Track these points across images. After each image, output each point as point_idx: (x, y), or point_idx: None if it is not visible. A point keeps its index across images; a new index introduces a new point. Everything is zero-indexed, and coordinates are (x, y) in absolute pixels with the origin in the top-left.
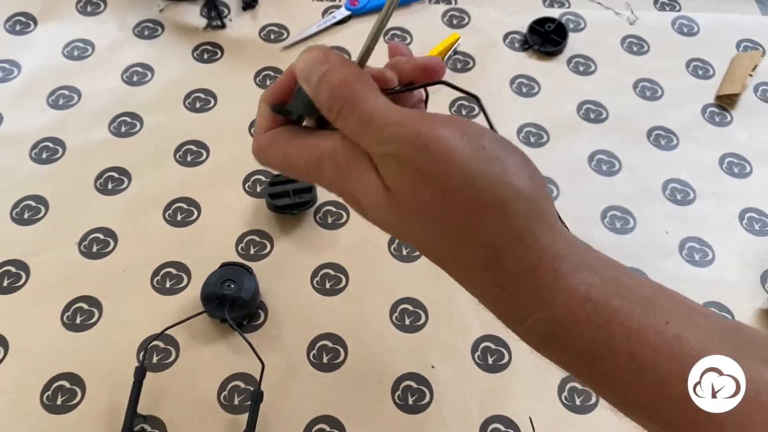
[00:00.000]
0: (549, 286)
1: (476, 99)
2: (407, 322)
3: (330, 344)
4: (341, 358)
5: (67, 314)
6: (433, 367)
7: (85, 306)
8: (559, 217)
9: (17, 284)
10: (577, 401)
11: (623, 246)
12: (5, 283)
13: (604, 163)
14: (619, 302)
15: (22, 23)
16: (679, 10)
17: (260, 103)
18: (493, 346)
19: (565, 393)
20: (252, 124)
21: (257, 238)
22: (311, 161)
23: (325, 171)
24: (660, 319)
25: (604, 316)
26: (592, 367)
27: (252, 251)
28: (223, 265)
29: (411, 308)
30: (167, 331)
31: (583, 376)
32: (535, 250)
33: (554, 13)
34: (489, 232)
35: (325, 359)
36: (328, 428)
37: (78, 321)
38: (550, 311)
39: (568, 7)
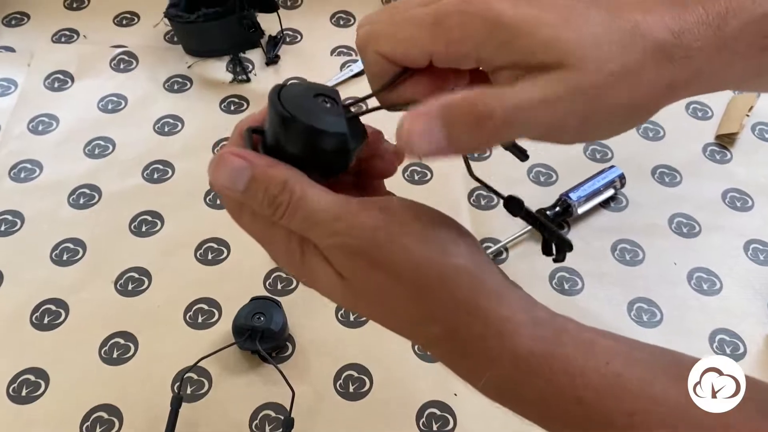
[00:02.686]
0: (496, 348)
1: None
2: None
3: (356, 374)
4: (367, 387)
5: (104, 349)
6: (455, 394)
7: (122, 341)
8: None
9: (57, 321)
10: None
11: (634, 277)
12: (46, 320)
13: (612, 200)
14: (561, 351)
15: (60, 80)
16: None
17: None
18: None
19: None
20: None
21: (284, 275)
22: (271, 251)
23: (281, 262)
24: (601, 360)
25: (548, 367)
26: (544, 415)
27: (279, 286)
28: (253, 299)
29: None
30: (200, 363)
31: (540, 423)
32: (481, 318)
33: None
34: (438, 310)
35: (351, 388)
36: None
37: (115, 355)
38: (500, 370)
39: None
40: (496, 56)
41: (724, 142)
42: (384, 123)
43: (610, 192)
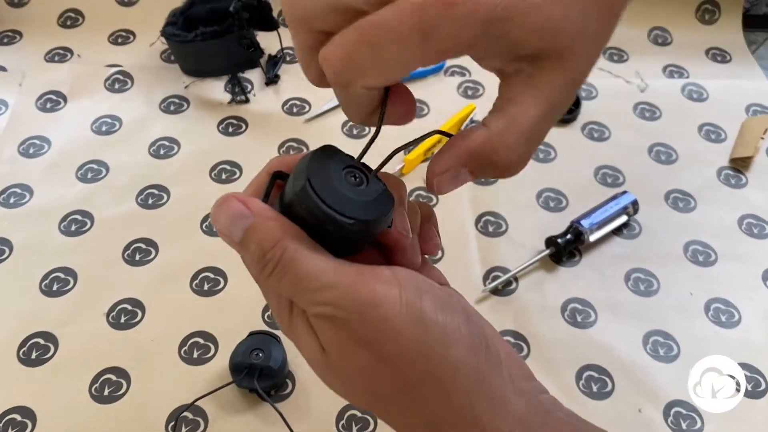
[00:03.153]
0: None
1: None
2: None
3: (359, 414)
4: (371, 428)
5: (95, 386)
6: None
7: (113, 377)
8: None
9: (46, 356)
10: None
11: (648, 308)
12: (34, 356)
13: (625, 226)
14: None
15: (52, 101)
16: (687, 77)
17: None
18: None
19: None
20: None
21: None
22: (270, 305)
23: (275, 317)
24: None
25: None
26: None
27: None
28: (251, 334)
29: None
30: (196, 402)
31: None
32: (473, 426)
33: None
34: (427, 409)
35: (354, 429)
36: None
37: (106, 392)
38: None
39: None
40: (491, 53)
41: (739, 165)
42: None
43: (623, 219)
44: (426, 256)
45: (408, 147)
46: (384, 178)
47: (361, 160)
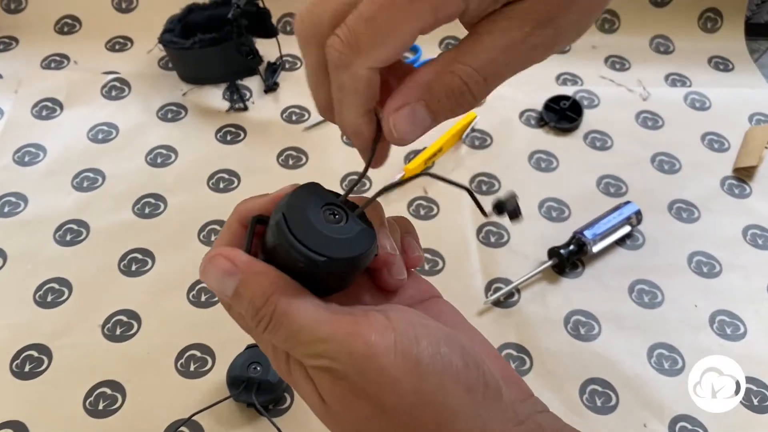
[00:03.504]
0: None
1: (468, 191)
2: None
3: None
4: None
5: (89, 399)
6: None
7: (108, 391)
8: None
9: (39, 369)
10: None
11: (653, 321)
12: (27, 368)
13: (628, 237)
14: None
15: (48, 108)
16: (689, 86)
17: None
18: None
19: None
20: None
21: None
22: (267, 354)
23: (273, 366)
24: None
25: None
26: None
27: None
28: (249, 347)
29: None
30: (193, 417)
31: None
32: None
33: (568, 90)
34: None
35: None
36: None
37: (101, 406)
38: None
39: (581, 84)
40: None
41: (743, 175)
42: None
43: (627, 229)
44: (413, 270)
45: (393, 188)
46: (358, 201)
47: (349, 195)
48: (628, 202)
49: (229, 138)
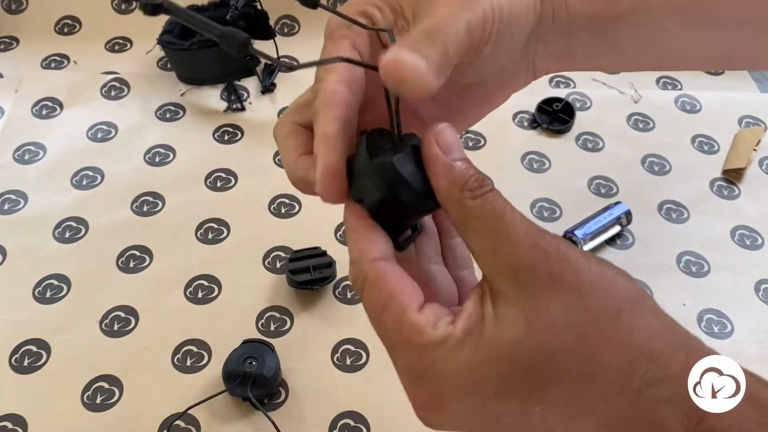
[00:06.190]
0: None
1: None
2: None
3: (352, 423)
4: None
5: (87, 393)
6: None
7: (106, 385)
8: None
9: (37, 364)
10: None
11: None
12: (26, 363)
13: (618, 237)
14: None
15: (48, 107)
16: (680, 89)
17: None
18: None
19: None
20: (272, 201)
21: (277, 314)
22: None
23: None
24: None
25: None
26: None
27: (272, 327)
28: (245, 342)
29: None
30: (189, 411)
31: None
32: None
33: (560, 93)
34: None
35: None
36: None
37: (98, 400)
38: None
39: (574, 87)
40: None
41: (732, 177)
42: None
43: (617, 229)
44: None
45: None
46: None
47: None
48: (618, 203)
49: (226, 138)
